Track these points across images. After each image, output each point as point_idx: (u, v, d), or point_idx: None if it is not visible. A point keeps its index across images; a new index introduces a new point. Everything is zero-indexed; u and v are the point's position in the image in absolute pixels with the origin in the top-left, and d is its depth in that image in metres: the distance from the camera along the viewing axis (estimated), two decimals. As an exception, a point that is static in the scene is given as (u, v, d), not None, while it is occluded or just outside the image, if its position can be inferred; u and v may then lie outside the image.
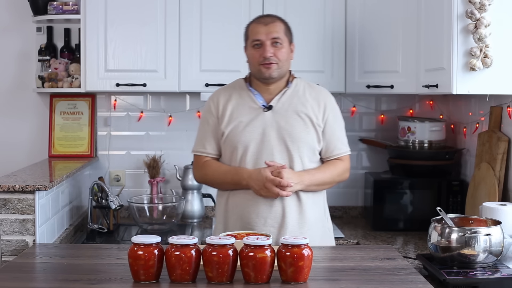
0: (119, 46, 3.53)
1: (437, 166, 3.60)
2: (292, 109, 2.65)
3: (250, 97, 2.68)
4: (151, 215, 3.59)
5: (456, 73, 2.76)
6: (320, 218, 2.73)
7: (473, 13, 2.68)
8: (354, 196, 3.93)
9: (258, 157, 2.62)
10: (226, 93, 2.73)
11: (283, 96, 2.68)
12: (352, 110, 3.91)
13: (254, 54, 2.63)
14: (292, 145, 2.62)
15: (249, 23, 2.70)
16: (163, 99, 3.90)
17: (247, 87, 2.70)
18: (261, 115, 2.65)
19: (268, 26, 2.62)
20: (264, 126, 2.63)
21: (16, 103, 3.87)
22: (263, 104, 2.66)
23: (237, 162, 2.64)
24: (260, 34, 2.61)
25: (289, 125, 2.63)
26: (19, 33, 3.84)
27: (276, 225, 2.61)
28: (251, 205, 2.62)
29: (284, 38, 2.64)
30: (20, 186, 2.74)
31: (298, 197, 2.64)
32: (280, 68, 2.64)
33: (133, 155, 3.92)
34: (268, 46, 2.60)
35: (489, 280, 2.39)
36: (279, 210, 2.62)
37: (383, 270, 2.29)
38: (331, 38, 3.57)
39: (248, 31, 2.68)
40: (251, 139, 2.62)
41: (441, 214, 2.62)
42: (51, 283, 2.22)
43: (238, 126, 2.64)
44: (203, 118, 2.77)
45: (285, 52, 2.64)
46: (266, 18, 2.68)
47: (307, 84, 2.76)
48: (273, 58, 2.60)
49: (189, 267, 2.10)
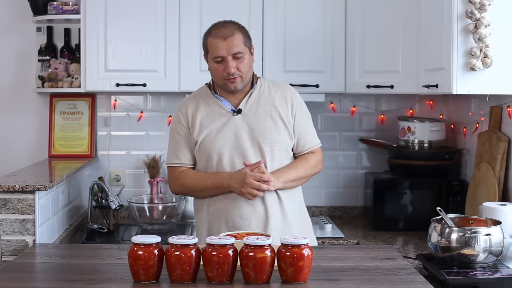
0: (119, 46, 3.53)
1: (437, 166, 3.60)
2: (261, 110, 2.67)
3: (217, 103, 2.69)
4: (151, 215, 3.59)
5: (456, 73, 2.76)
6: (300, 214, 2.76)
7: (473, 13, 2.68)
8: (354, 196, 3.93)
9: (234, 161, 2.63)
10: (193, 102, 2.73)
11: (250, 98, 2.69)
12: (352, 110, 3.91)
13: (218, 68, 2.63)
14: (265, 146, 2.64)
15: (207, 35, 2.66)
16: (163, 99, 3.90)
17: (213, 94, 2.71)
18: (231, 120, 2.66)
19: (228, 41, 2.59)
20: (236, 130, 2.64)
21: (16, 103, 3.87)
22: (231, 109, 2.67)
23: (213, 169, 2.64)
24: (220, 50, 2.59)
25: (260, 126, 2.65)
26: (19, 33, 3.84)
27: (261, 226, 2.63)
28: (234, 208, 2.63)
29: (244, 49, 2.62)
30: (20, 186, 2.74)
31: (278, 196, 2.66)
32: (244, 79, 2.64)
33: (133, 155, 3.92)
34: (230, 61, 2.59)
35: (489, 280, 2.38)
36: (262, 210, 2.63)
37: (383, 270, 2.29)
38: (331, 38, 3.57)
39: (207, 45, 2.65)
40: (225, 144, 2.63)
41: (441, 214, 2.62)
42: (51, 283, 2.22)
43: (210, 133, 2.65)
44: (172, 129, 2.75)
45: (247, 63, 2.63)
46: (224, 30, 2.62)
47: (271, 83, 2.76)
48: (236, 72, 2.60)
49: (189, 267, 2.10)
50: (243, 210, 2.62)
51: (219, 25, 2.66)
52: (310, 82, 3.55)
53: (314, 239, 2.85)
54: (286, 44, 3.55)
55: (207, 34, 2.67)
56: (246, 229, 2.60)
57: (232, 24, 2.67)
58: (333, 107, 3.89)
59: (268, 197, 2.63)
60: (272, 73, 3.50)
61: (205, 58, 2.71)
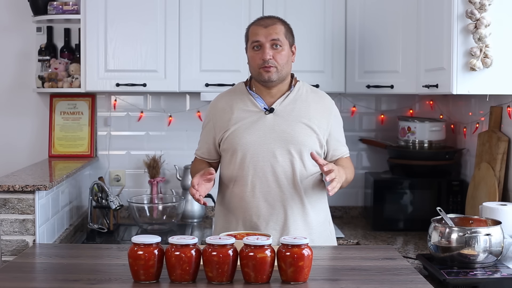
0: (119, 46, 3.53)
1: (437, 166, 3.60)
2: (295, 114, 2.62)
3: (251, 100, 2.65)
4: (151, 215, 3.59)
5: (456, 73, 2.76)
6: (323, 222, 2.71)
7: (473, 13, 2.68)
8: (354, 196, 3.93)
9: (258, 159, 2.59)
10: (227, 97, 2.71)
11: (286, 99, 2.64)
12: (352, 110, 3.91)
13: (254, 56, 2.60)
14: (294, 148, 2.59)
15: (250, 25, 2.67)
16: (163, 99, 3.90)
17: (248, 90, 2.68)
18: (262, 118, 2.62)
19: (268, 28, 2.58)
20: (265, 129, 2.60)
21: (16, 103, 3.87)
22: (264, 107, 2.64)
23: (236, 165, 2.61)
24: (259, 36, 2.58)
25: (291, 129, 2.60)
26: (19, 33, 3.84)
27: (278, 228, 2.59)
28: (253, 207, 2.60)
29: (284, 40, 2.60)
30: (20, 186, 2.74)
31: (301, 200, 2.62)
32: (280, 72, 2.59)
33: (133, 155, 3.92)
34: (268, 48, 2.57)
35: (489, 280, 2.39)
36: (281, 212, 2.60)
37: (383, 270, 2.29)
38: (331, 38, 3.57)
39: (248, 33, 2.65)
40: (252, 141, 2.59)
41: (441, 214, 2.62)
42: (51, 283, 2.22)
43: (239, 128, 2.61)
44: (203, 122, 2.78)
45: (284, 55, 2.59)
46: (267, 20, 2.64)
47: (310, 89, 2.72)
48: (272, 61, 2.56)
49: (189, 267, 2.10)
50: (261, 210, 2.59)
51: (263, 17, 2.70)
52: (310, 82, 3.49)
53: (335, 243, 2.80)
54: (286, 44, 3.55)
55: (250, 24, 2.68)
56: (263, 230, 2.57)
57: (277, 18, 2.67)
58: (333, 107, 3.89)
59: (289, 199, 2.59)
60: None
61: (246, 51, 2.68)
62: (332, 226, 2.80)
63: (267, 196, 2.59)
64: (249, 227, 2.59)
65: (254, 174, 2.59)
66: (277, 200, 2.59)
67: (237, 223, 2.63)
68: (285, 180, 2.59)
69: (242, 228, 2.60)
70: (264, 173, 2.58)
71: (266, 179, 2.58)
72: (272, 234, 2.53)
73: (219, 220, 2.73)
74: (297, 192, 2.60)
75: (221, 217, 2.71)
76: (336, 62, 3.58)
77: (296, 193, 2.60)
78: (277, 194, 2.59)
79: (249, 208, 2.60)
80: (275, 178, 2.58)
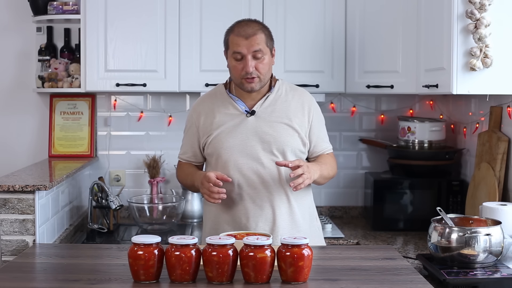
0: (119, 46, 3.53)
1: (437, 166, 3.60)
2: (276, 114, 2.63)
3: (232, 103, 2.66)
4: (151, 215, 3.59)
5: (456, 73, 2.76)
6: (309, 218, 2.73)
7: (473, 13, 2.68)
8: (354, 196, 3.93)
9: (243, 162, 2.61)
10: (208, 101, 2.71)
11: (266, 101, 2.65)
12: (352, 110, 3.91)
13: (236, 66, 2.59)
14: (277, 150, 2.61)
15: (229, 31, 2.63)
16: (163, 99, 3.90)
17: (228, 93, 2.68)
18: (244, 121, 2.63)
19: (249, 39, 2.55)
20: (248, 131, 2.62)
21: (16, 103, 3.87)
22: (245, 110, 2.65)
23: (222, 169, 2.62)
24: (240, 47, 2.55)
25: (273, 130, 2.62)
26: (19, 33, 3.84)
27: (268, 228, 2.61)
28: (241, 209, 2.62)
29: (265, 49, 2.58)
30: (20, 186, 2.74)
31: (287, 198, 2.63)
32: (262, 81, 2.61)
33: (133, 155, 3.92)
34: (250, 60, 2.55)
35: (489, 280, 2.39)
36: (270, 213, 2.62)
37: (383, 270, 2.29)
38: (331, 38, 3.57)
39: (228, 41, 2.62)
40: (235, 145, 2.61)
41: (441, 214, 2.62)
42: (51, 283, 2.22)
43: (222, 132, 2.63)
44: (186, 125, 2.78)
45: (267, 64, 2.59)
46: (247, 29, 2.58)
47: (289, 87, 2.73)
48: (255, 72, 2.56)
49: (189, 267, 2.10)
50: (250, 211, 2.61)
51: (242, 23, 2.62)
52: (310, 82, 3.55)
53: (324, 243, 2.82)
54: (286, 44, 3.55)
55: (229, 31, 2.63)
56: (253, 230, 2.58)
57: (256, 23, 2.63)
58: (333, 107, 3.89)
59: (276, 199, 2.61)
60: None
61: (225, 54, 2.67)
62: (319, 222, 2.82)
63: (255, 198, 2.61)
64: (239, 229, 2.60)
65: (240, 177, 2.61)
66: (265, 201, 2.61)
67: (226, 225, 2.64)
68: (271, 181, 2.61)
69: (232, 229, 2.60)
70: (249, 176, 2.60)
71: (252, 181, 2.60)
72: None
73: (208, 222, 2.73)
74: (284, 191, 2.63)
75: (210, 219, 2.71)
76: (336, 62, 3.58)
77: (283, 193, 2.63)
78: (264, 195, 2.61)
79: (237, 210, 2.62)
80: (261, 180, 2.60)
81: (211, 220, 2.70)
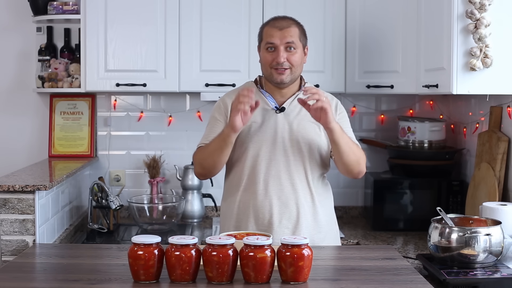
0: (119, 46, 3.53)
1: (437, 166, 3.60)
2: (304, 113, 2.62)
3: (262, 99, 2.65)
4: (151, 215, 3.59)
5: (456, 73, 2.76)
6: (330, 221, 2.72)
7: (473, 13, 2.68)
8: (354, 196, 3.93)
9: (271, 158, 2.60)
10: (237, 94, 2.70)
11: (295, 99, 2.65)
12: (352, 110, 3.91)
13: (267, 57, 2.61)
14: (305, 147, 2.62)
15: (264, 25, 2.67)
16: (163, 99, 3.90)
17: (259, 89, 2.69)
18: (273, 117, 2.63)
19: (283, 31, 2.59)
20: (276, 127, 2.62)
21: (16, 103, 3.87)
22: (275, 106, 2.65)
23: (248, 163, 2.61)
24: (274, 38, 2.58)
25: (302, 127, 2.62)
26: (19, 33, 3.84)
27: (291, 226, 2.60)
28: (266, 205, 2.60)
29: (298, 43, 2.61)
30: (20, 186, 2.74)
31: (312, 199, 2.63)
32: (293, 73, 2.62)
33: (133, 155, 3.92)
34: (282, 51, 2.58)
35: (489, 280, 2.39)
36: (294, 210, 2.60)
37: (383, 270, 2.29)
38: (331, 38, 3.57)
39: (262, 33, 2.66)
40: (264, 139, 2.61)
41: (441, 214, 2.62)
42: (51, 283, 2.22)
43: (251, 126, 2.62)
44: (211, 117, 2.72)
45: (298, 57, 2.61)
46: (281, 21, 2.63)
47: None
48: (286, 64, 2.58)
49: (189, 267, 2.10)
50: (275, 207, 2.59)
51: (278, 18, 2.67)
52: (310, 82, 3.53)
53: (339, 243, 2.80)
54: (286, 44, 3.55)
55: (264, 24, 2.67)
56: (276, 228, 2.57)
57: (291, 19, 2.67)
58: (333, 107, 3.89)
59: (301, 197, 2.61)
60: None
61: (258, 49, 2.68)
62: (337, 226, 2.81)
63: (280, 195, 2.60)
64: (261, 225, 2.59)
65: (267, 172, 2.60)
66: (290, 198, 2.60)
67: (248, 221, 2.61)
68: (297, 178, 2.61)
69: (255, 226, 2.59)
70: (277, 172, 2.60)
71: (279, 178, 2.60)
72: (284, 233, 2.55)
73: (228, 219, 2.68)
74: (309, 190, 2.63)
75: (232, 216, 2.66)
76: (336, 62, 3.58)
77: (308, 192, 2.63)
78: (290, 192, 2.60)
79: (262, 206, 2.60)
80: (288, 177, 2.60)
81: (233, 217, 2.65)
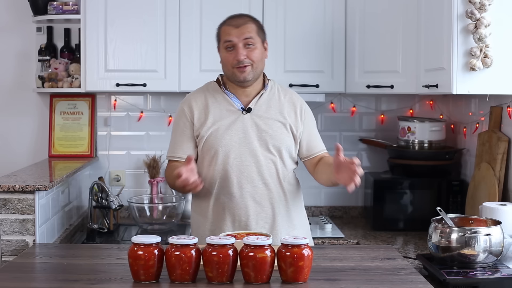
0: (119, 46, 3.53)
1: (437, 166, 3.60)
2: (271, 112, 2.64)
3: (227, 100, 2.64)
4: (151, 215, 3.59)
5: (456, 73, 2.76)
6: (301, 217, 2.74)
7: (473, 13, 2.68)
8: (354, 196, 3.93)
9: (241, 159, 2.60)
10: (201, 96, 2.68)
11: (261, 98, 2.65)
12: (352, 110, 3.91)
13: (228, 56, 2.59)
14: (273, 147, 2.61)
15: (221, 24, 2.66)
16: (163, 99, 3.90)
17: (223, 90, 2.66)
18: (240, 118, 2.62)
19: (240, 28, 2.58)
20: (244, 128, 2.61)
21: (16, 103, 3.87)
22: (241, 107, 2.64)
23: (219, 166, 2.60)
24: (231, 36, 2.57)
25: (269, 127, 2.62)
26: (19, 33, 3.84)
27: (267, 226, 2.61)
28: (241, 207, 2.60)
29: (256, 38, 2.60)
30: (20, 186, 2.74)
31: (285, 197, 2.64)
32: (255, 70, 2.60)
33: (133, 155, 3.92)
34: (241, 48, 2.56)
35: (489, 280, 2.39)
36: (269, 210, 2.62)
37: (383, 270, 2.29)
38: (331, 38, 3.57)
39: (220, 33, 2.64)
40: (232, 142, 2.60)
41: (441, 214, 2.62)
42: (51, 283, 2.22)
43: (218, 129, 2.60)
44: (175, 123, 2.70)
45: (258, 53, 2.60)
46: (238, 19, 2.63)
47: (280, 87, 2.74)
48: (246, 61, 2.57)
49: (189, 267, 2.10)
50: (250, 209, 2.60)
51: (234, 16, 2.67)
52: (310, 82, 3.55)
53: (312, 243, 2.83)
54: (286, 44, 3.55)
55: (221, 24, 2.66)
56: (253, 229, 2.58)
57: (247, 16, 2.69)
58: (333, 107, 3.89)
59: (275, 197, 2.62)
60: (272, 73, 3.47)
61: (218, 50, 2.67)
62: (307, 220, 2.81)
63: (255, 196, 2.60)
64: (238, 228, 2.59)
65: (239, 174, 2.60)
66: (264, 198, 2.61)
67: (224, 224, 2.61)
68: (269, 178, 2.61)
69: (231, 229, 2.59)
70: (249, 173, 2.60)
71: (252, 179, 2.60)
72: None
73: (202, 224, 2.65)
74: (281, 189, 2.64)
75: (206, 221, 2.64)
76: (336, 62, 3.58)
77: (280, 190, 2.64)
78: (264, 193, 2.61)
79: (237, 208, 2.61)
80: (261, 177, 2.60)
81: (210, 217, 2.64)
